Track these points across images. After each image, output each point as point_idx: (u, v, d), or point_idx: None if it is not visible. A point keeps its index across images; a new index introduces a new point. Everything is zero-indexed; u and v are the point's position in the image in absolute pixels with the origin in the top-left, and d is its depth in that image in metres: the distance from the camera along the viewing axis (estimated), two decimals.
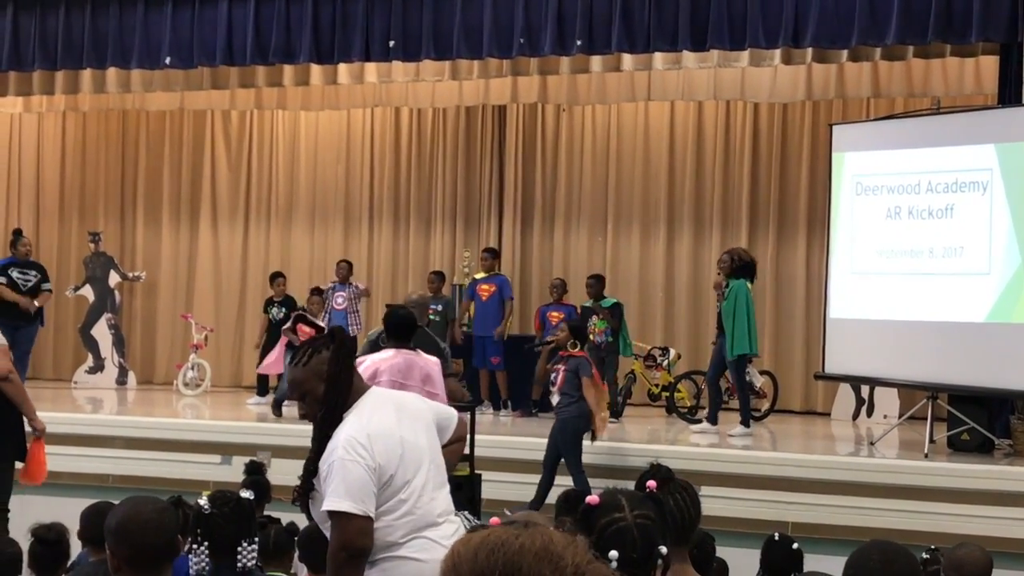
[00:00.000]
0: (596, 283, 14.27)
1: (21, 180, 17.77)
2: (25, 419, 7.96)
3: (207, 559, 4.50)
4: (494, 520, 3.51)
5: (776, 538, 6.04)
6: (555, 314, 14.33)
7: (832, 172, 12.89)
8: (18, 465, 8.17)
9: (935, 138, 11.96)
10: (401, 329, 8.67)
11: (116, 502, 4.83)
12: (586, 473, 10.45)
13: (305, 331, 13.93)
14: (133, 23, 13.11)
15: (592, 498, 3.41)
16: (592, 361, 11.08)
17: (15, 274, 14.11)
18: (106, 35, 13.23)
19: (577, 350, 10.73)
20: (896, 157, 12.20)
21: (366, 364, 8.37)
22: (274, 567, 5.97)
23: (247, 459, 9.28)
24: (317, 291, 14.86)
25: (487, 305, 14.59)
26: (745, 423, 12.58)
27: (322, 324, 13.18)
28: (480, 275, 14.86)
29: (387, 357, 8.51)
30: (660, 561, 3.31)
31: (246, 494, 4.58)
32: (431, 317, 14.15)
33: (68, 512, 6.68)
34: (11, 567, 5.87)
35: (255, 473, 8.03)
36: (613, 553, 3.16)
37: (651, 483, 3.64)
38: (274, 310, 15.20)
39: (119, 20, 13.12)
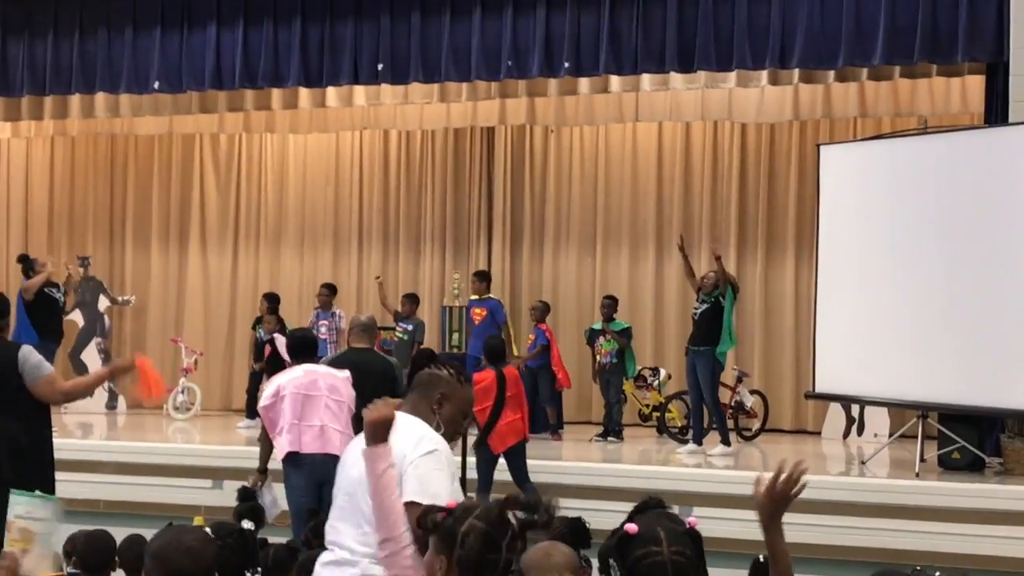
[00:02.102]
0: (611, 304, 14.42)
1: (9, 205, 17.74)
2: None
3: None
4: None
5: (762, 559, 6.01)
6: (530, 336, 14.56)
7: (820, 192, 12.92)
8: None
9: (922, 157, 11.99)
10: (302, 348, 9.13)
11: (146, 532, 4.87)
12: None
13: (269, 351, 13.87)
14: (122, 48, 13.14)
15: (631, 527, 3.40)
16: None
17: (49, 291, 14.19)
18: (95, 60, 13.26)
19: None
20: (883, 177, 12.23)
21: (272, 385, 8.88)
22: None
23: (239, 484, 9.25)
24: (273, 303, 14.92)
25: (480, 328, 14.62)
26: (725, 442, 12.65)
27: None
28: (473, 297, 14.90)
29: (293, 375, 8.86)
30: None
31: (247, 525, 4.59)
32: (399, 336, 14.38)
33: (58, 538, 6.66)
34: None
35: (248, 499, 8.00)
36: None
37: (692, 520, 3.63)
38: (262, 330, 15.29)
39: (108, 45, 13.15)
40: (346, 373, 9.10)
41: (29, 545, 4.06)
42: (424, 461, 4.25)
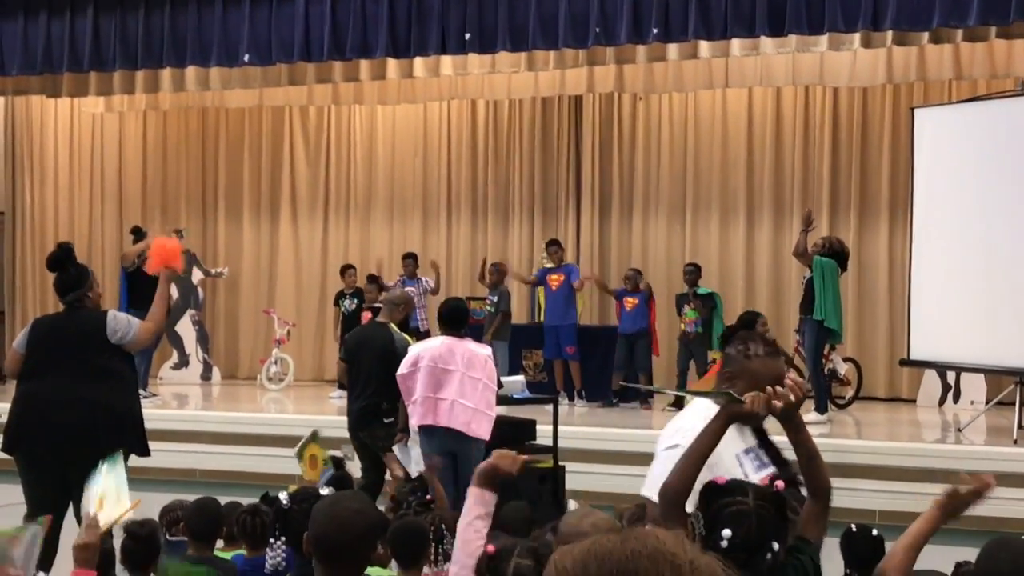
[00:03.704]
0: (693, 271, 14.34)
1: (104, 179, 18.01)
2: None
3: (284, 554, 4.54)
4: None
5: (854, 529, 5.95)
6: (630, 299, 14.43)
7: (914, 156, 12.73)
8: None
9: (1018, 119, 11.77)
10: (449, 318, 9.28)
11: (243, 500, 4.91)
12: None
13: (368, 318, 14.24)
14: (212, 21, 13.22)
15: (719, 478, 3.42)
16: None
17: None
18: (185, 34, 13.35)
19: None
20: (979, 140, 12.03)
21: (411, 352, 9.14)
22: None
23: (332, 453, 9.36)
24: (373, 279, 15.05)
25: (557, 294, 14.64)
26: (819, 410, 12.49)
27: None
28: (549, 265, 14.90)
29: (433, 345, 9.16)
30: (770, 556, 3.30)
31: (326, 491, 4.59)
32: (487, 308, 14.46)
33: (156, 507, 6.76)
34: (104, 562, 5.94)
35: (336, 468, 8.07)
36: (726, 532, 3.15)
37: (779, 483, 3.62)
38: (345, 302, 15.47)
39: (198, 19, 13.23)
40: (487, 350, 9.47)
41: (102, 505, 4.14)
42: (664, 455, 4.15)
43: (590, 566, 1.59)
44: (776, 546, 3.34)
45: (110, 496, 4.19)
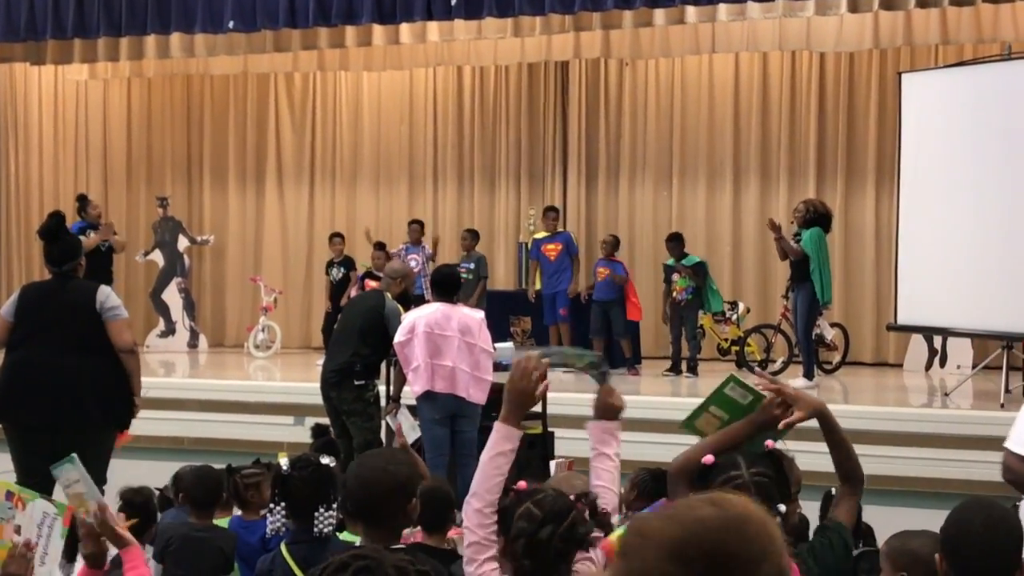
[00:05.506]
0: (676, 243, 14.28)
1: (88, 147, 17.91)
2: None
3: (284, 519, 4.54)
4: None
5: (833, 492, 5.98)
6: (602, 269, 14.44)
7: (901, 120, 12.72)
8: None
9: (1005, 84, 11.77)
10: (443, 285, 9.37)
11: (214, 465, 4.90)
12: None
13: (371, 285, 14.28)
14: None
15: (708, 458, 3.39)
16: None
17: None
18: (169, 0, 13.28)
19: None
20: (966, 104, 12.02)
21: (407, 319, 9.18)
22: None
23: (315, 421, 9.39)
24: (380, 246, 14.95)
25: (555, 264, 14.65)
26: (808, 375, 12.52)
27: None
28: (541, 235, 14.88)
29: (428, 312, 9.19)
30: (779, 519, 3.30)
31: (327, 460, 4.58)
32: (464, 276, 14.46)
33: (145, 474, 6.77)
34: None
35: (323, 435, 8.07)
36: None
37: (769, 442, 3.62)
38: (333, 271, 15.43)
39: None
40: (481, 314, 9.56)
41: (84, 504, 4.13)
42: None
43: (692, 534, 1.55)
44: (783, 508, 3.35)
45: (84, 495, 4.16)
